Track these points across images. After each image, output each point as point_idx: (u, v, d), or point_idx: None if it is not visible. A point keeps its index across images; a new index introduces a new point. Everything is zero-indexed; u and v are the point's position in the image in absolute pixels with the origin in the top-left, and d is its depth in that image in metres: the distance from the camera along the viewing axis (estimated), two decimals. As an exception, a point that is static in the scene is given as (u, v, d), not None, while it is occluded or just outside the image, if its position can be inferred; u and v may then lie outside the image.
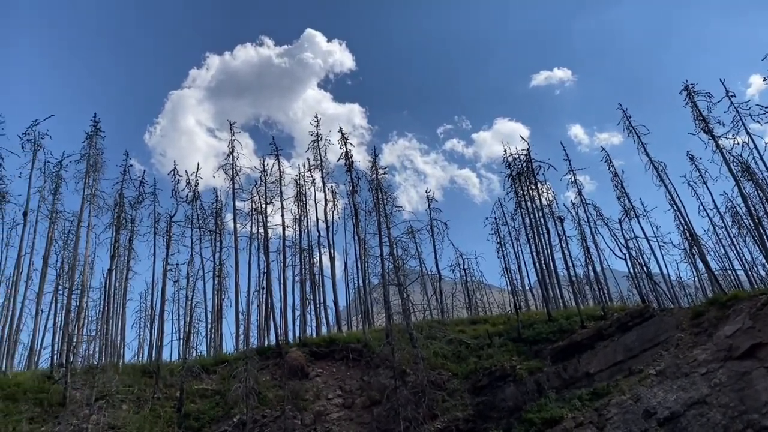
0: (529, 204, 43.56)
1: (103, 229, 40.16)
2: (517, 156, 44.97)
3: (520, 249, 51.43)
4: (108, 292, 39.32)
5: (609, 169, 41.68)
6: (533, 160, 43.75)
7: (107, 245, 39.83)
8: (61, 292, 38.84)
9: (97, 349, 38.23)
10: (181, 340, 37.86)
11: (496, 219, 52.74)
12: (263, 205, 42.80)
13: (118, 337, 39.57)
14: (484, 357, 31.81)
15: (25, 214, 37.52)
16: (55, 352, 34.21)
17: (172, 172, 44.52)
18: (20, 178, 38.07)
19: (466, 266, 53.97)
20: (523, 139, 44.84)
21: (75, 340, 33.04)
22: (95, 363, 33.80)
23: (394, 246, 35.28)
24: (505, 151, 45.73)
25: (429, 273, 49.43)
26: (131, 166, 42.04)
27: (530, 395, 28.22)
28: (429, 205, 48.94)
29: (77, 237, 37.78)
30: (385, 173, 39.23)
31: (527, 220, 43.74)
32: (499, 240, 52.34)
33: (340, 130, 43.78)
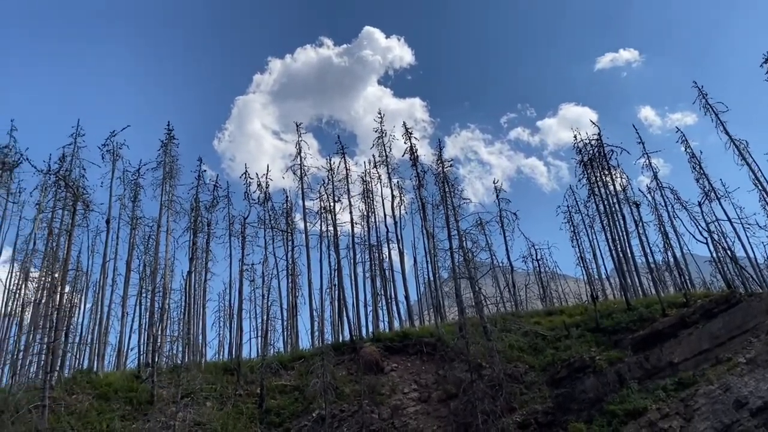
0: (602, 190, 42.32)
1: (181, 233, 41.73)
2: (587, 141, 43.77)
3: (594, 237, 50.08)
4: (188, 293, 40.76)
5: (685, 150, 40.06)
6: (605, 145, 42.46)
7: (186, 248, 41.35)
8: (144, 295, 40.55)
9: (180, 348, 39.73)
10: (259, 338, 38.94)
11: (568, 207, 51.51)
12: (331, 204, 43.44)
13: (200, 337, 41.04)
14: (561, 348, 31.16)
15: (108, 222, 39.43)
16: (142, 352, 35.81)
17: (244, 176, 45.72)
18: (102, 187, 40.14)
19: (538, 257, 53.04)
20: (593, 123, 43.62)
21: (159, 340, 34.52)
22: (179, 362, 35.10)
23: (464, 239, 35.03)
24: (575, 137, 44.58)
25: (500, 265, 48.81)
26: (204, 171, 43.44)
27: (611, 386, 27.41)
28: (497, 196, 48.34)
29: (157, 241, 39.47)
30: (450, 165, 39.04)
31: (601, 207, 42.53)
32: (572, 228, 51.11)
33: (404, 124, 43.89)
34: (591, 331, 32.10)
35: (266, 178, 45.74)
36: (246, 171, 45.73)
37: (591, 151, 43.14)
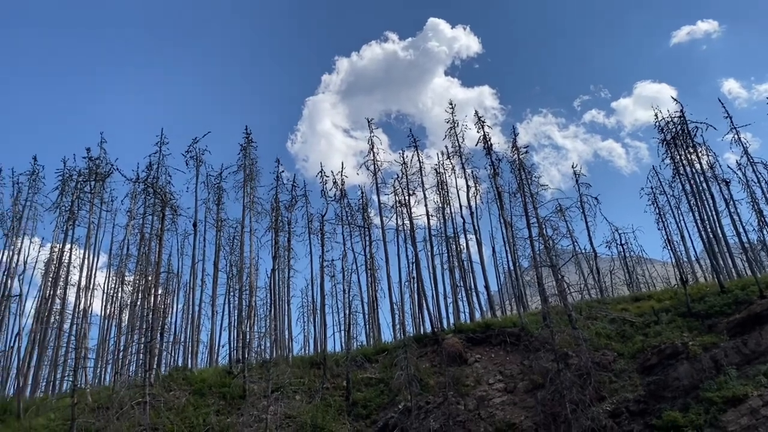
0: (687, 169, 40.45)
1: (264, 233, 43.14)
2: (669, 119, 41.88)
3: (681, 218, 47.97)
4: (273, 290, 41.99)
5: (779, 121, 37.62)
6: (688, 122, 40.54)
7: (268, 247, 42.74)
8: (232, 293, 42.16)
9: (268, 344, 41.03)
10: (342, 332, 39.69)
11: (652, 189, 49.44)
12: (406, 197, 43.61)
13: (286, 332, 42.22)
14: (651, 335, 30.11)
15: (195, 225, 41.24)
16: (232, 348, 37.19)
17: (320, 174, 46.65)
18: (187, 192, 41.99)
19: (623, 241, 51.29)
20: (674, 100, 41.52)
21: (249, 337, 35.78)
22: (268, 357, 36.25)
23: (543, 226, 34.35)
24: (655, 115, 42.67)
25: (583, 251, 47.64)
26: (282, 171, 44.64)
27: (707, 373, 26.25)
28: (576, 181, 47.11)
29: (242, 242, 40.86)
30: (526, 152, 38.32)
31: (687, 187, 40.67)
32: (657, 210, 49.01)
33: (476, 113, 43.39)
34: (682, 316, 30.87)
35: (341, 175, 46.49)
36: (321, 169, 46.69)
37: (674, 129, 41.26)
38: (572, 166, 50.10)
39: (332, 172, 48.14)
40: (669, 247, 47.91)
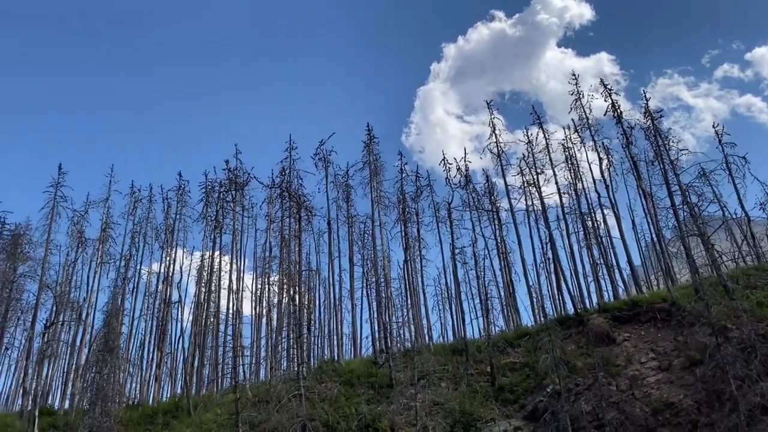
0: None
1: (393, 225, 43.91)
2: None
3: None
4: (407, 280, 42.71)
5: None
6: None
7: (398, 239, 43.45)
8: (369, 286, 43.36)
9: (407, 334, 41.81)
10: (480, 318, 39.67)
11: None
12: (534, 176, 42.53)
13: (424, 320, 42.83)
14: (823, 301, 27.41)
15: (329, 224, 42.96)
16: (375, 339, 38.27)
17: (442, 162, 46.71)
18: (319, 192, 43.73)
19: (780, 200, 46.81)
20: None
21: (389, 327, 36.65)
22: (409, 346, 36.94)
23: (687, 193, 32.23)
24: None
25: (734, 217, 44.03)
26: (406, 164, 45.21)
27: None
28: (719, 141, 43.55)
29: (373, 236, 41.94)
30: (660, 116, 36.10)
31: None
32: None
33: (602, 81, 41.42)
34: None
35: (465, 161, 46.21)
36: (444, 157, 46.71)
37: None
38: (713, 126, 46.29)
39: (455, 159, 47.96)
40: (836, 203, 43.40)
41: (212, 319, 43.93)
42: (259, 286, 46.60)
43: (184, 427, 33.23)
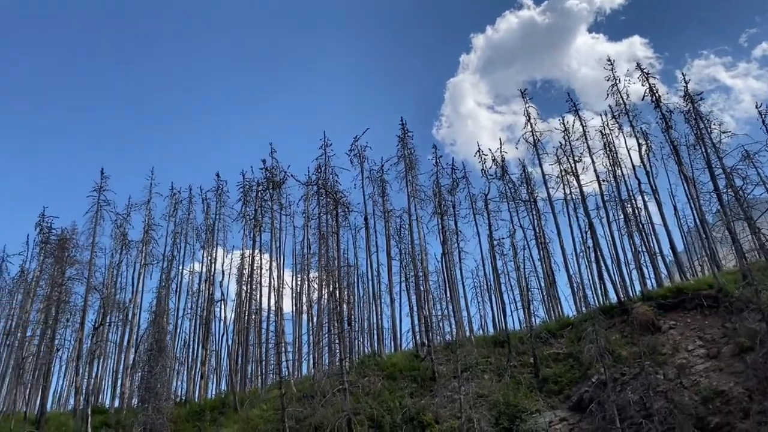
0: None
1: (429, 218, 43.88)
2: None
3: None
4: (445, 274, 42.68)
5: None
6: None
7: (435, 232, 43.48)
8: (408, 280, 43.37)
9: (447, 326, 41.77)
10: (521, 309, 39.42)
11: None
12: (572, 164, 42.00)
13: (463, 313, 42.75)
14: None
15: (365, 219, 43.13)
16: (416, 333, 38.33)
17: (477, 153, 46.47)
18: (354, 188, 43.91)
19: (831, 181, 45.32)
20: None
21: (430, 320, 36.73)
22: (450, 339, 36.96)
23: (731, 176, 31.53)
24: None
25: (782, 198, 42.81)
26: (440, 157, 45.12)
27: None
28: (763, 121, 42.13)
29: (410, 230, 41.97)
30: (701, 98, 35.30)
31: None
32: None
33: (638, 65, 40.79)
34: None
35: (500, 151, 45.90)
36: (479, 148, 46.47)
37: None
38: (756, 106, 44.97)
39: (489, 150, 47.64)
40: None
41: (254, 317, 44.60)
42: (299, 283, 47.13)
43: (231, 423, 33.86)
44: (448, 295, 42.36)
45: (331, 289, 38.87)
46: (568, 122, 43.44)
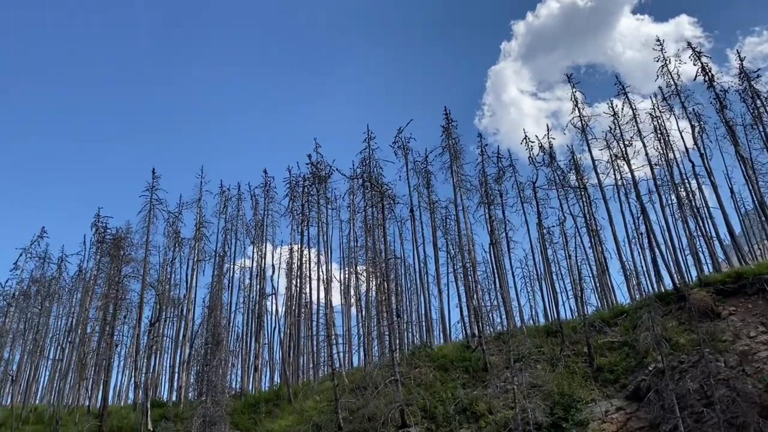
0: None
1: (476, 208, 43.45)
2: None
3: None
4: (494, 263, 42.35)
5: None
6: None
7: (482, 222, 43.08)
8: (457, 270, 43.24)
9: (497, 317, 41.50)
10: (574, 298, 38.86)
11: None
12: (623, 148, 41.01)
13: (514, 302, 42.42)
14: None
15: (411, 211, 43.09)
16: (466, 323, 38.18)
17: (524, 140, 45.71)
18: (399, 180, 43.89)
19: None
20: None
21: (479, 311, 36.51)
22: (501, 329, 36.67)
23: (792, 156, 30.32)
24: None
25: None
26: (486, 145, 44.58)
27: None
28: (826, 97, 40.53)
29: (457, 220, 41.72)
30: (758, 76, 33.97)
31: None
32: None
33: (689, 44, 39.58)
34: None
35: (548, 138, 45.10)
36: (526, 136, 45.68)
37: None
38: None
39: (536, 136, 46.89)
40: None
41: (304, 310, 45.16)
42: (346, 276, 47.47)
43: (286, 415, 34.41)
44: (497, 285, 42.08)
45: (378, 281, 39.02)
46: (616, 106, 42.42)
